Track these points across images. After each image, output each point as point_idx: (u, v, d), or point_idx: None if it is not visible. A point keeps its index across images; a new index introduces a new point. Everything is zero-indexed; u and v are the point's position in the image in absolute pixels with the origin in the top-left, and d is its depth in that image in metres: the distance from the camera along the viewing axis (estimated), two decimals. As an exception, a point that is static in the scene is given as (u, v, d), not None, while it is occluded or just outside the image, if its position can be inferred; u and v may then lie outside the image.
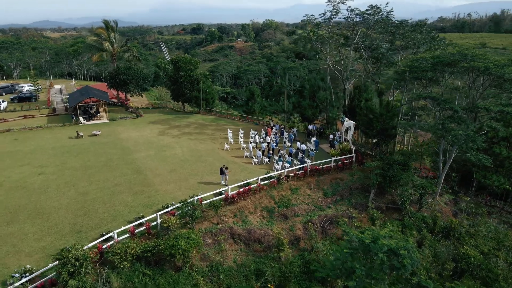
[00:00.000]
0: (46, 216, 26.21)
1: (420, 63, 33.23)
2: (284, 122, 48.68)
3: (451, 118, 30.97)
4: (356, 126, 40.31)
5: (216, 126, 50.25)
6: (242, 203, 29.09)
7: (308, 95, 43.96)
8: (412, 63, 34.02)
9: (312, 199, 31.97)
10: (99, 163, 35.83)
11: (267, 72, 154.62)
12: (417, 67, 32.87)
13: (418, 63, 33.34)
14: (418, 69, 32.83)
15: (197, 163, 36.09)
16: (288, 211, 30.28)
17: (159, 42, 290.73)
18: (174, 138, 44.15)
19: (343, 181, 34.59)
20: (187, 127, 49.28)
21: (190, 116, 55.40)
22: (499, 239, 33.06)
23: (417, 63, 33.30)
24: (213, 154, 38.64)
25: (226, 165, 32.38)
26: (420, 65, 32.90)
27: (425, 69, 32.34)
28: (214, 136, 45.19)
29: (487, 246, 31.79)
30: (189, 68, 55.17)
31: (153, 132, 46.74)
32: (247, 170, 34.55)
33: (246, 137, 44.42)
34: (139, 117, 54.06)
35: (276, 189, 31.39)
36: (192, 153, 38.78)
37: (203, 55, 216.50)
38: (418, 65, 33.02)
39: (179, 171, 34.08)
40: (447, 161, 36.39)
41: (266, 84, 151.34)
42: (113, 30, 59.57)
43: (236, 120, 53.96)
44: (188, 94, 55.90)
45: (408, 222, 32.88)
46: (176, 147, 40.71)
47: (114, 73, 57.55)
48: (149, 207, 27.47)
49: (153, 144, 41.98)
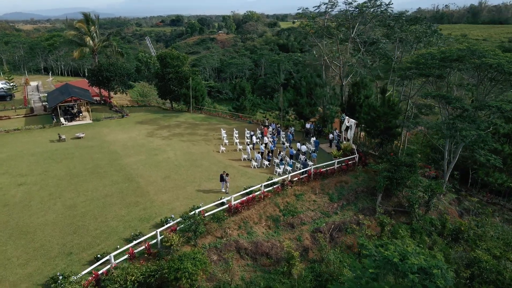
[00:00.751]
0: (30, 235, 23.52)
1: (427, 59, 31.68)
2: (279, 121, 46.73)
3: (461, 117, 29.61)
4: (356, 125, 38.65)
5: (208, 125, 47.82)
6: (246, 213, 27.07)
7: (305, 93, 42.01)
8: (418, 59, 32.45)
9: (318, 205, 30.23)
10: (86, 170, 33.04)
11: (251, 65, 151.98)
12: (424, 64, 31.31)
13: (424, 59, 31.79)
14: (425, 65, 31.28)
15: (192, 168, 33.76)
16: (294, 219, 28.46)
17: (137, 34, 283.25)
18: (165, 140, 41.56)
19: (348, 184, 32.98)
20: (178, 127, 46.68)
21: (179, 114, 52.71)
22: (507, 240, 32.21)
23: (424, 59, 31.74)
24: (209, 158, 36.35)
25: (226, 171, 30.18)
26: (427, 62, 31.35)
27: (433, 65, 30.81)
28: (207, 137, 42.82)
29: (498, 249, 30.88)
30: (176, 64, 52.36)
31: (142, 134, 43.98)
32: (247, 175, 32.46)
33: (241, 137, 42.26)
34: (125, 116, 51.04)
35: (280, 196, 29.48)
36: (186, 157, 36.39)
37: (184, 48, 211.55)
38: (424, 62, 31.47)
39: (174, 177, 31.70)
40: (451, 160, 35.29)
41: (251, 78, 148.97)
42: (94, 23, 55.94)
43: (228, 119, 51.63)
44: (176, 92, 53.15)
45: (417, 226, 31.60)
46: (168, 150, 38.20)
47: (96, 70, 54.21)
48: (146, 221, 25.11)
49: (143, 147, 39.32)
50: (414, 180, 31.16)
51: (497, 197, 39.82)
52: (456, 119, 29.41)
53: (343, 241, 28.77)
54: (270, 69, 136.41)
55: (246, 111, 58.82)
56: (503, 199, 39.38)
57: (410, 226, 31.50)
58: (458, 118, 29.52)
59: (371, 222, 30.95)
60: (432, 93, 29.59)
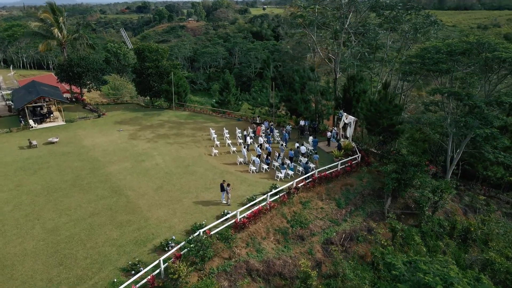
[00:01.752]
0: (8, 270, 20.10)
1: (432, 54, 29.92)
2: (271, 117, 44.18)
3: (472, 114, 28.14)
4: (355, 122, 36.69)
5: (194, 124, 44.59)
6: (252, 227, 24.62)
7: (298, 88, 39.52)
8: (423, 53, 30.65)
9: (326, 213, 28.18)
10: (65, 183, 29.42)
11: (225, 54, 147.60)
12: (430, 59, 29.53)
13: (429, 53, 30.01)
14: (431, 60, 29.50)
15: (185, 175, 30.80)
16: (303, 230, 26.29)
17: (102, 22, 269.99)
18: (150, 143, 38.14)
19: (353, 187, 31.11)
20: (161, 127, 43.20)
21: (161, 112, 49.06)
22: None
23: (429, 54, 29.96)
24: (201, 162, 33.43)
25: (225, 180, 27.48)
26: (433, 56, 29.60)
27: (440, 60, 29.08)
28: (195, 138, 39.71)
29: (509, 249, 30.05)
30: (156, 58, 48.50)
31: (123, 136, 40.27)
32: (247, 182, 29.89)
33: (233, 137, 39.45)
34: (101, 116, 46.92)
35: (286, 205, 27.18)
36: (177, 163, 33.31)
37: (154, 36, 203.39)
38: (431, 56, 29.70)
39: (167, 188, 28.68)
40: (454, 157, 34.14)
41: (225, 67, 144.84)
42: (62, 14, 50.83)
43: (215, 116, 48.50)
44: (156, 88, 49.37)
45: (426, 228, 30.26)
46: (155, 155, 34.93)
47: (65, 65, 49.46)
48: (143, 244, 22.17)
49: (126, 152, 35.82)
50: (423, 181, 29.57)
51: (492, 189, 39.25)
52: (467, 117, 27.89)
53: (355, 251, 26.94)
54: (245, 58, 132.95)
55: (230, 106, 55.90)
56: (498, 192, 38.86)
57: (420, 229, 30.15)
58: (469, 115, 28.01)
59: (381, 228, 29.29)
60: (443, 90, 27.91)
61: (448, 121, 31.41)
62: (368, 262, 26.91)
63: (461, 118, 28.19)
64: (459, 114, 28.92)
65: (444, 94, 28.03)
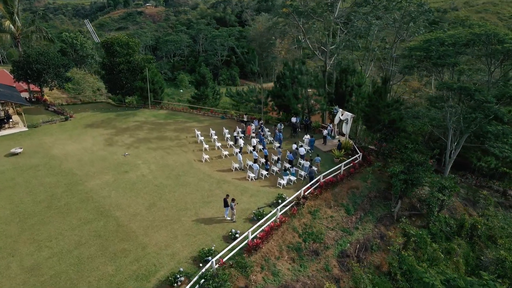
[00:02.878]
0: (-16, 329, 16.52)
1: (437, 47, 28.33)
2: (258, 115, 41.44)
3: (481, 109, 26.95)
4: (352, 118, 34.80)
5: (175, 124, 41.04)
6: (265, 247, 22.19)
7: (290, 83, 36.96)
8: (426, 45, 29.00)
9: (336, 222, 26.23)
10: (39, 205, 25.48)
11: (189, 42, 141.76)
12: (437, 51, 27.91)
13: (434, 46, 28.39)
14: (437, 53, 27.89)
15: (178, 188, 27.69)
16: (317, 244, 24.21)
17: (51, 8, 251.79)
18: (131, 149, 34.40)
19: (359, 190, 29.36)
20: (140, 130, 39.35)
21: (136, 112, 44.91)
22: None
23: (434, 46, 28.34)
24: (193, 171, 30.35)
25: (230, 195, 24.74)
26: (439, 49, 28.01)
27: (448, 53, 27.54)
28: (180, 141, 36.35)
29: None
30: (127, 53, 44.06)
31: (98, 142, 36.17)
32: (248, 192, 27.27)
33: (221, 139, 36.48)
34: (68, 119, 42.18)
35: (296, 217, 24.91)
36: (165, 172, 30.03)
37: (111, 23, 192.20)
38: (435, 49, 28.09)
39: (160, 205, 25.52)
40: (454, 151, 33.22)
41: (190, 55, 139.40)
42: (13, 4, 44.78)
43: (196, 114, 45.05)
44: (129, 85, 45.07)
45: (434, 228, 29.18)
46: (140, 164, 31.41)
47: (22, 62, 43.93)
48: (145, 280, 19.16)
49: (105, 161, 31.98)
50: (433, 181, 28.27)
51: (481, 177, 39.02)
52: (477, 113, 26.65)
53: (371, 262, 25.29)
54: (211, 45, 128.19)
55: (208, 101, 52.60)
56: (489, 181, 38.68)
57: (429, 231, 29.03)
58: (478, 111, 26.77)
59: (392, 232, 27.84)
60: (453, 86, 26.42)
61: (448, 115, 30.20)
62: (384, 272, 25.42)
63: (470, 114, 26.93)
64: (466, 110, 27.63)
65: (454, 89, 26.60)
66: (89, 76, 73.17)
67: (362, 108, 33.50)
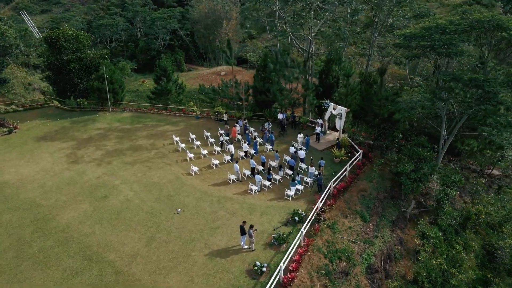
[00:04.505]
0: None
1: (440, 35, 26.70)
2: (238, 112, 37.77)
3: (488, 100, 26.01)
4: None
5: (146, 130, 36.16)
6: (297, 279, 19.49)
7: (275, 78, 33.72)
8: (427, 33, 27.24)
9: (356, 232, 24.23)
10: (5, 256, 20.41)
11: (126, 25, 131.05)
12: (440, 40, 26.25)
13: (437, 34, 26.71)
14: (441, 42, 26.25)
15: (174, 213, 23.81)
16: (343, 262, 22.04)
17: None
18: (102, 166, 29.44)
19: (367, 193, 27.59)
20: (106, 140, 34.07)
21: (95, 117, 39.02)
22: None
23: (436, 35, 26.66)
24: (185, 188, 26.47)
25: (236, 213, 21.54)
26: (442, 38, 26.39)
27: (453, 42, 26.01)
28: (158, 151, 31.91)
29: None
30: (77, 48, 37.77)
31: (59, 159, 30.59)
32: (256, 209, 24.18)
33: (204, 143, 32.64)
34: (13, 131, 35.46)
35: (317, 235, 22.42)
36: (153, 193, 25.86)
37: (29, 6, 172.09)
38: (439, 38, 26.44)
39: (161, 238, 21.62)
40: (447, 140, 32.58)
41: (129, 40, 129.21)
42: None
43: (166, 115, 40.24)
44: (82, 86, 38.96)
45: (443, 223, 28.39)
46: (119, 185, 26.82)
47: None
48: None
49: (75, 185, 26.91)
50: (443, 177, 27.15)
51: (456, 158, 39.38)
52: (485, 104, 25.65)
53: (397, 272, 23.75)
54: (151, 29, 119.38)
55: (171, 96, 47.83)
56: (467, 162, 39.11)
57: (439, 227, 28.18)
58: (486, 102, 25.79)
59: (407, 235, 26.57)
60: (463, 77, 25.02)
61: (440, 103, 29.07)
62: (410, 280, 24.06)
63: (479, 106, 25.89)
64: (472, 101, 26.57)
65: (465, 81, 25.27)
66: (19, 70, 63.58)
67: (359, 102, 31.45)
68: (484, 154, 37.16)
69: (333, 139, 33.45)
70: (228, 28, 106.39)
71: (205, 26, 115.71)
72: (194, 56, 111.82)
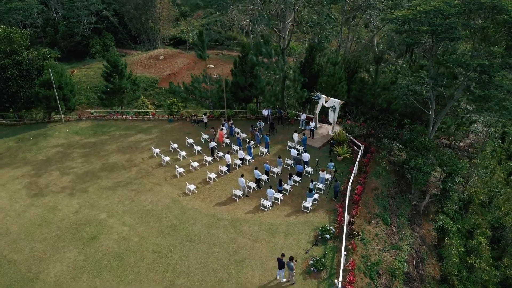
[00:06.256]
0: None
1: (440, 19, 25.36)
2: (216, 112, 33.92)
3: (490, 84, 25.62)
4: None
5: (115, 141, 31.10)
6: (350, 310, 17.54)
7: (259, 73, 30.36)
8: (426, 18, 25.73)
9: (383, 239, 22.84)
10: None
11: (40, 7, 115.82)
12: (441, 25, 24.91)
13: (439, 19, 25.31)
14: (442, 27, 24.92)
15: (187, 248, 20.36)
16: (382, 277, 20.57)
17: None
18: (77, 196, 24.51)
19: (379, 191, 26.34)
20: (70, 159, 28.62)
21: (46, 132, 32.73)
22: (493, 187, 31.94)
23: (437, 19, 25.26)
24: (188, 214, 22.87)
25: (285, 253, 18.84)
26: (443, 22, 25.08)
27: (454, 26, 24.79)
28: (139, 168, 27.46)
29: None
30: (12, 50, 30.95)
31: (16, 192, 24.96)
32: (278, 230, 21.56)
33: (189, 152, 28.85)
34: None
35: (354, 253, 20.53)
36: (152, 225, 21.97)
37: None
38: (440, 22, 25.08)
39: (183, 285, 18.21)
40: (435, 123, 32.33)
41: (47, 25, 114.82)
42: None
43: (133, 120, 35.09)
44: (23, 95, 32.36)
45: (451, 212, 28.23)
46: (107, 220, 22.43)
47: None
48: None
49: (49, 226, 22.00)
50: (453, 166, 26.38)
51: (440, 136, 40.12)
52: (489, 89, 25.18)
53: (429, 274, 22.92)
54: (72, 11, 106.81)
55: (128, 94, 42.42)
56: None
57: (446, 215, 27.93)
58: (489, 85, 25.34)
59: (425, 230, 25.90)
60: (472, 63, 23.97)
61: (432, 86, 28.33)
62: (438, 279, 23.44)
63: (482, 92, 25.35)
64: (476, 87, 25.98)
65: (474, 67, 24.35)
66: None
67: (354, 93, 29.59)
68: (460, 130, 37.97)
69: (326, 133, 31.58)
70: (161, 7, 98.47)
71: (136, 6, 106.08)
72: (125, 39, 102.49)
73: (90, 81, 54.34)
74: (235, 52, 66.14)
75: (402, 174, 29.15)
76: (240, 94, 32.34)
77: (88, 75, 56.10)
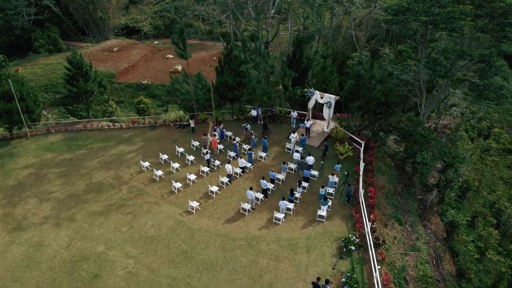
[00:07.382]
0: None
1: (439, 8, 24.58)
2: (202, 114, 31.41)
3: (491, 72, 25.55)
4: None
5: (94, 156, 27.86)
6: (393, 328, 16.69)
7: (249, 72, 28.17)
8: (422, 7, 24.85)
9: (401, 242, 22.25)
10: None
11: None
12: (440, 14, 24.13)
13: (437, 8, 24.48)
14: (442, 16, 24.14)
15: (206, 277, 18.50)
16: (410, 284, 19.95)
17: None
18: (64, 227, 21.57)
19: (386, 189, 25.72)
20: (46, 182, 25.22)
21: (11, 150, 28.64)
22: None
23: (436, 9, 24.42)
24: (197, 236, 20.85)
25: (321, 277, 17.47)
26: (442, 12, 24.29)
27: (454, 16, 24.04)
28: (129, 185, 24.77)
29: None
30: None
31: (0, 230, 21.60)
32: (299, 246, 20.20)
33: (182, 163, 26.52)
34: None
35: (383, 263, 19.68)
36: (161, 254, 19.76)
37: None
38: (439, 12, 24.28)
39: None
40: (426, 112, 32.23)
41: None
42: None
43: (111, 130, 31.72)
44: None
45: (449, 201, 28.36)
46: (108, 253, 19.89)
47: None
48: None
49: (40, 266, 19.12)
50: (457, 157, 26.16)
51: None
52: (488, 78, 25.05)
53: (449, 272, 22.72)
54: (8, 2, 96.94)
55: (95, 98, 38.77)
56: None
57: (448, 205, 28.03)
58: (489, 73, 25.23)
59: (434, 225, 25.68)
60: (475, 54, 23.42)
61: (422, 75, 27.98)
62: (454, 274, 23.36)
63: (483, 81, 25.15)
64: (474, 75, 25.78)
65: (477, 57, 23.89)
66: None
67: (349, 87, 28.44)
68: (444, 114, 38.39)
69: (321, 129, 30.40)
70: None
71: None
72: (72, 31, 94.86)
73: (38, 80, 48.54)
74: (194, 40, 62.81)
75: (402, 167, 28.81)
76: (229, 94, 30.15)
77: (35, 73, 50.21)
